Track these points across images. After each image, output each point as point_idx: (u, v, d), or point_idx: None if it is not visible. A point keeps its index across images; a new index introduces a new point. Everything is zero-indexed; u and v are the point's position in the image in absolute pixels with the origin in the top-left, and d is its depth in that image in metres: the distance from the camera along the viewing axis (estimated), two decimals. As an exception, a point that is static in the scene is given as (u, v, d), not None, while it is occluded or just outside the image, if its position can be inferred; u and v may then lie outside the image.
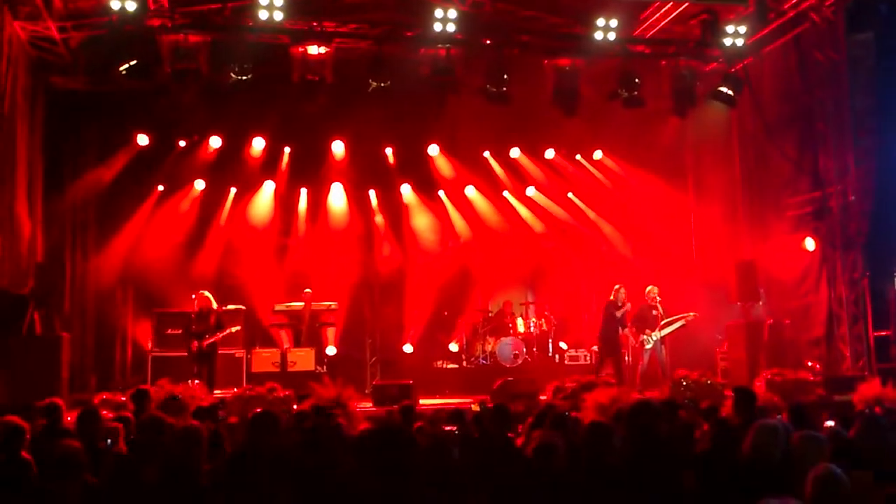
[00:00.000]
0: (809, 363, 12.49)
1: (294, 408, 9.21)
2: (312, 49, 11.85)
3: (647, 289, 12.85)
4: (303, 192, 15.44)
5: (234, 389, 11.01)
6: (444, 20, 11.83)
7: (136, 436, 5.82)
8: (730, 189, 14.95)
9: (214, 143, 14.57)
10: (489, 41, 12.74)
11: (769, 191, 14.08)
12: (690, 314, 12.85)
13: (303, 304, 14.07)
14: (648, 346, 12.60)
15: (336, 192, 15.52)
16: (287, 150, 15.01)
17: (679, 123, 13.95)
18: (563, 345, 15.07)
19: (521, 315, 15.48)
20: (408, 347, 15.02)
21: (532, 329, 15.03)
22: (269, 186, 15.21)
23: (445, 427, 6.76)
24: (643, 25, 13.19)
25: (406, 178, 15.63)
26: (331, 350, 14.27)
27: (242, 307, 13.77)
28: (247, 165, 14.80)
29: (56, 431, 6.14)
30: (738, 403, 6.47)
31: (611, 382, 10.58)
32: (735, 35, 12.51)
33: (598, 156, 16.03)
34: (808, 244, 13.00)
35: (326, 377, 9.85)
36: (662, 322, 12.66)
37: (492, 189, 16.02)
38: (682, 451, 5.15)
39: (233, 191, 15.06)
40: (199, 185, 14.81)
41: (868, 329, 12.21)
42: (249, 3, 11.54)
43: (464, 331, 15.11)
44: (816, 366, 12.40)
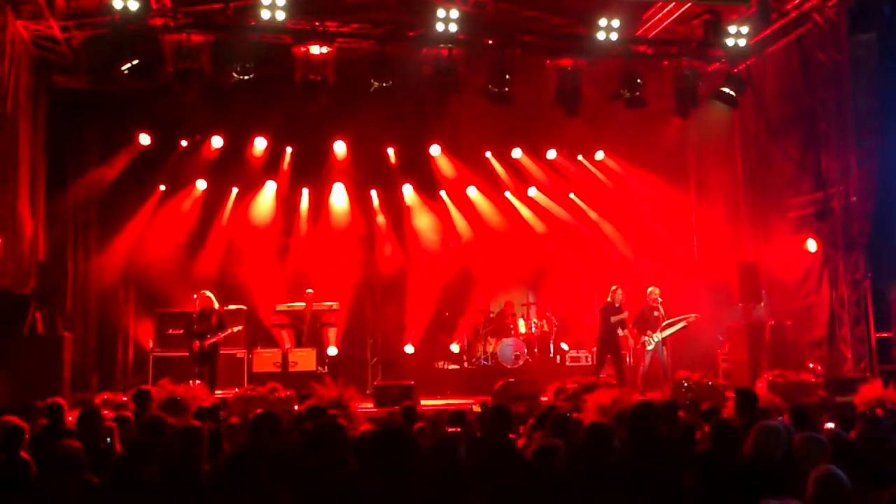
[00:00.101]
0: (811, 364, 12.49)
1: (295, 408, 9.20)
2: (314, 49, 11.86)
3: (649, 290, 12.82)
4: (304, 192, 15.42)
5: (236, 389, 10.99)
6: (447, 20, 11.83)
7: (137, 436, 5.82)
8: (732, 189, 14.95)
9: (216, 143, 14.59)
10: (491, 41, 12.74)
11: (771, 191, 14.08)
12: (692, 315, 12.83)
13: (304, 305, 14.06)
14: (650, 348, 12.59)
15: (338, 192, 15.51)
16: (289, 150, 15.02)
17: (681, 124, 13.94)
18: (565, 346, 15.04)
19: (523, 316, 15.46)
20: (409, 348, 14.99)
21: (533, 330, 15.01)
22: (271, 186, 15.21)
23: (448, 428, 6.74)
24: (645, 25, 13.19)
25: (408, 179, 15.62)
26: (332, 350, 14.28)
27: (244, 307, 13.78)
28: (248, 165, 14.81)
29: (57, 431, 6.14)
30: (740, 405, 6.48)
31: (612, 383, 10.53)
32: (737, 35, 12.50)
33: (600, 156, 16.00)
34: (810, 245, 12.99)
35: (328, 377, 9.88)
36: (664, 323, 12.64)
37: (493, 189, 15.99)
38: (683, 452, 5.15)
39: (234, 190, 15.06)
40: (201, 185, 14.82)
41: (870, 330, 12.20)
42: (252, 3, 11.57)
43: (465, 331, 15.08)
44: (818, 367, 12.40)
